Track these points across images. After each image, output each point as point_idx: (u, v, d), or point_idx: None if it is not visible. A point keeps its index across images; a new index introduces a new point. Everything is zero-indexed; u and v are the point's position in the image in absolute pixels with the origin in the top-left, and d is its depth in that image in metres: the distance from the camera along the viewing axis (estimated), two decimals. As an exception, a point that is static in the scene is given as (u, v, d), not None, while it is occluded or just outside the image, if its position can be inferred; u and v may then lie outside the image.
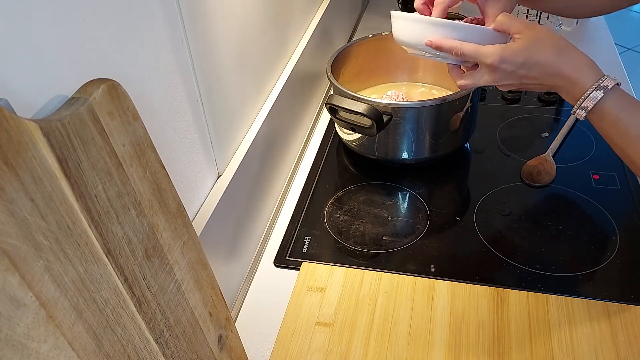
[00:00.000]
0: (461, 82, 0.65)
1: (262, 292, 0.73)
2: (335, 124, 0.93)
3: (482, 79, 0.62)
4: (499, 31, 0.62)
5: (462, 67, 0.67)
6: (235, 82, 0.69)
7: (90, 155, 0.35)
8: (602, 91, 0.56)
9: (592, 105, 0.56)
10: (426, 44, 0.64)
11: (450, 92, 0.91)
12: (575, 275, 0.71)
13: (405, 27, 0.68)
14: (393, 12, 0.69)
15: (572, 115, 0.60)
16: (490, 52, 0.60)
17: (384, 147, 0.87)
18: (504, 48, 0.59)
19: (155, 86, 0.51)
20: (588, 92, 0.56)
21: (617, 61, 1.15)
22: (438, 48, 0.63)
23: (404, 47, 0.70)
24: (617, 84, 0.56)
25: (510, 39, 0.61)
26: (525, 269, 0.72)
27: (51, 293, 0.32)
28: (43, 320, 0.31)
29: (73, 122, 0.34)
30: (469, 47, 0.61)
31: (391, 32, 0.70)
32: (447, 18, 0.73)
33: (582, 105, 0.57)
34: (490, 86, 0.72)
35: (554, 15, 1.19)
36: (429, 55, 0.67)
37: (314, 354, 0.63)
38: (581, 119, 0.59)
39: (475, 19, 0.69)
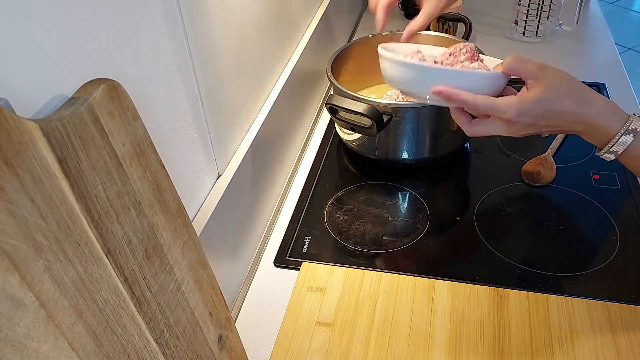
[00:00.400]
0: (472, 130, 0.61)
1: (262, 292, 0.73)
2: (335, 124, 0.93)
3: (498, 129, 0.58)
4: (508, 75, 0.58)
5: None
6: (235, 82, 0.69)
7: (90, 155, 0.35)
8: (631, 135, 0.54)
9: (623, 149, 0.55)
10: (434, 92, 0.58)
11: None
12: (575, 275, 0.71)
13: (402, 72, 0.62)
14: (382, 52, 0.63)
15: (596, 155, 0.59)
16: (506, 106, 0.56)
17: (384, 147, 0.87)
18: (520, 101, 0.55)
19: (155, 86, 0.51)
20: (617, 137, 0.55)
21: (617, 61, 1.15)
22: (447, 99, 0.58)
23: (393, 86, 0.66)
24: None
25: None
26: (525, 269, 0.72)
27: (51, 293, 0.32)
28: (43, 320, 0.31)
29: (73, 122, 0.34)
30: (483, 102, 0.57)
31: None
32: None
33: (611, 149, 0.56)
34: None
35: (553, 16, 1.19)
36: (428, 101, 0.62)
37: (314, 354, 0.63)
38: (608, 161, 0.57)
39: (468, 51, 0.64)
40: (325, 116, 1.06)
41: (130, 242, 0.39)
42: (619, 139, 0.55)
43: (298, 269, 0.74)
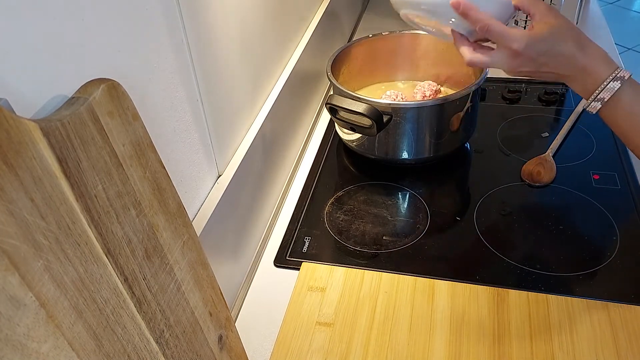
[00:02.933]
0: (473, 57, 0.60)
1: (262, 292, 0.73)
2: (335, 124, 0.93)
3: (501, 61, 0.59)
4: (518, 9, 0.59)
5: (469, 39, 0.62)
6: (235, 82, 0.69)
7: (90, 155, 0.35)
8: (619, 82, 0.55)
9: (609, 96, 0.56)
10: (452, 4, 0.57)
11: (450, 92, 0.91)
12: (575, 275, 0.71)
13: None
14: None
15: (584, 109, 0.60)
16: (518, 36, 0.57)
17: (384, 147, 0.87)
18: (530, 35, 0.57)
19: (155, 86, 0.51)
20: (605, 83, 0.56)
21: (617, 61, 1.15)
22: (464, 13, 0.57)
23: (400, 9, 0.64)
24: (630, 75, 0.56)
25: (524, 19, 0.59)
26: (525, 269, 0.72)
27: (51, 293, 0.32)
28: (43, 320, 0.31)
29: (73, 122, 0.34)
30: (497, 27, 0.57)
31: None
32: None
33: (598, 96, 0.57)
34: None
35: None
36: (426, 24, 0.60)
37: (314, 354, 0.63)
38: (593, 112, 0.58)
39: None
40: (325, 116, 1.07)
41: (130, 242, 0.39)
42: (607, 84, 0.56)
43: (298, 269, 0.74)
